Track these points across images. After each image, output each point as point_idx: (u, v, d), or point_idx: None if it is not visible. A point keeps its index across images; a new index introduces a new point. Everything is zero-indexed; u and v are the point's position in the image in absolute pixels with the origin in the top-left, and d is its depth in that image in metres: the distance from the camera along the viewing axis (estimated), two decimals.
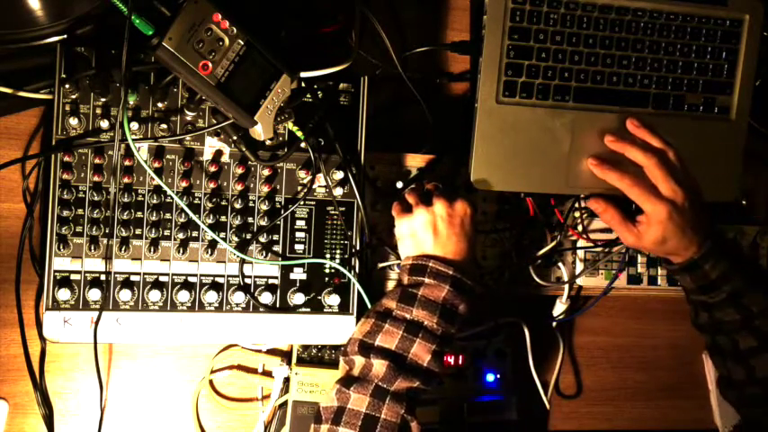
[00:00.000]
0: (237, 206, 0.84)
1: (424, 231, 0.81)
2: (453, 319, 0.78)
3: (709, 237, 0.87)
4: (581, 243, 0.99)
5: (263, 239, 0.85)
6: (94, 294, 0.80)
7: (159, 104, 0.81)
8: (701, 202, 0.88)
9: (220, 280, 0.84)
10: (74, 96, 0.79)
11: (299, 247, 0.86)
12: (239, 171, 0.84)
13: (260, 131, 0.79)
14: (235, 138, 0.82)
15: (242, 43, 0.75)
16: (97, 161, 0.80)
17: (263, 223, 0.85)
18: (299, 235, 0.87)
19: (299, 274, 0.86)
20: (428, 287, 0.78)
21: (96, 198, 0.80)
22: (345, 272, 0.87)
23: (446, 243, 0.80)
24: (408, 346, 0.75)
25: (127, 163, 0.81)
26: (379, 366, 0.74)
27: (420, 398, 0.76)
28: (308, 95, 0.85)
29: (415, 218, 0.82)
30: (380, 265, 0.92)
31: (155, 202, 0.82)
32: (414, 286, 0.79)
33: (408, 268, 0.80)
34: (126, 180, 0.81)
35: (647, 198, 0.85)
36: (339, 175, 0.86)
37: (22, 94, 0.82)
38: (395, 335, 0.75)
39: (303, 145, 0.84)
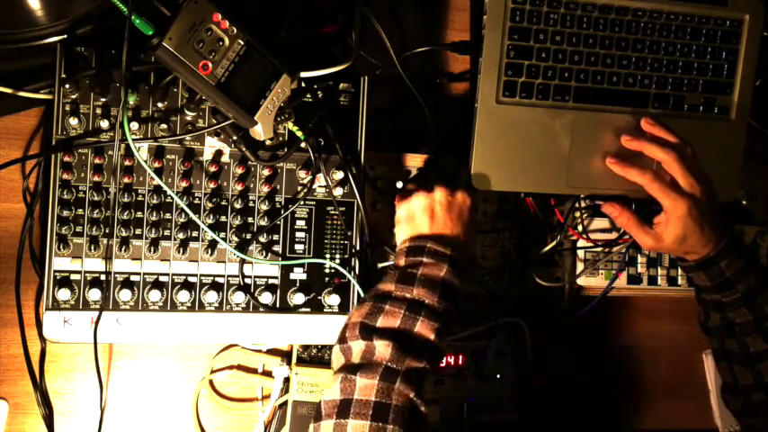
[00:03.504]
0: (237, 206, 0.84)
1: (421, 215, 0.81)
2: (454, 298, 0.76)
3: (726, 235, 0.88)
4: (581, 243, 0.99)
5: (263, 239, 0.85)
6: (94, 294, 0.80)
7: (159, 104, 0.81)
8: (715, 198, 0.88)
9: (220, 280, 0.84)
10: (74, 96, 0.79)
11: (299, 247, 0.86)
12: (239, 171, 0.84)
13: (260, 131, 0.79)
14: (235, 138, 0.82)
15: (242, 43, 0.75)
16: (97, 161, 0.80)
17: (263, 223, 0.85)
18: (299, 235, 0.87)
19: (299, 274, 0.86)
20: (427, 266, 0.77)
21: (96, 198, 0.80)
22: (345, 272, 0.87)
23: (443, 227, 0.80)
24: (411, 326, 0.73)
25: (127, 163, 0.81)
26: (384, 348, 0.70)
27: (425, 380, 0.73)
28: (308, 95, 0.85)
29: (414, 201, 0.82)
30: (380, 265, 0.92)
31: (155, 202, 0.82)
32: (412, 266, 0.77)
33: (405, 250, 0.79)
34: (126, 180, 0.81)
35: (667, 193, 0.85)
36: (339, 175, 0.86)
37: (22, 94, 0.82)
38: (397, 315, 0.73)
39: (303, 145, 0.84)
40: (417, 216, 0.81)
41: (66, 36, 0.80)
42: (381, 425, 0.66)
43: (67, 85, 0.78)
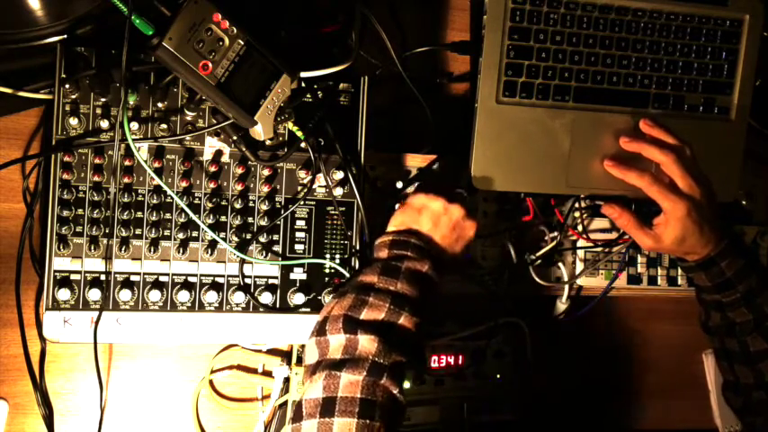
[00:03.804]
0: (237, 206, 0.84)
1: (428, 214, 0.81)
2: (433, 294, 0.77)
3: (726, 235, 0.88)
4: (581, 243, 0.99)
5: (263, 239, 0.85)
6: (94, 294, 0.80)
7: (159, 104, 0.81)
8: (715, 199, 0.88)
9: (220, 280, 0.84)
10: (74, 96, 0.79)
11: (299, 247, 0.86)
12: (239, 171, 0.84)
13: (260, 131, 0.79)
14: (235, 138, 0.82)
15: (242, 43, 0.75)
16: (97, 161, 0.80)
17: (263, 223, 0.85)
18: (299, 235, 0.87)
19: (299, 274, 0.86)
20: (411, 260, 0.77)
21: (96, 198, 0.80)
22: (345, 272, 0.87)
23: (437, 237, 0.80)
24: (396, 319, 0.72)
25: (127, 163, 0.81)
26: (369, 343, 0.69)
27: (405, 375, 0.73)
28: (308, 95, 0.85)
29: (432, 200, 0.81)
30: None
31: (155, 202, 0.82)
32: (396, 259, 0.77)
33: (389, 243, 0.79)
34: (126, 180, 0.81)
35: (666, 195, 0.85)
36: (339, 175, 0.86)
37: (22, 94, 0.82)
38: (381, 308, 0.72)
39: (303, 145, 0.84)
40: (425, 214, 0.81)
41: (66, 36, 0.80)
42: (369, 422, 0.65)
43: (67, 85, 0.78)
